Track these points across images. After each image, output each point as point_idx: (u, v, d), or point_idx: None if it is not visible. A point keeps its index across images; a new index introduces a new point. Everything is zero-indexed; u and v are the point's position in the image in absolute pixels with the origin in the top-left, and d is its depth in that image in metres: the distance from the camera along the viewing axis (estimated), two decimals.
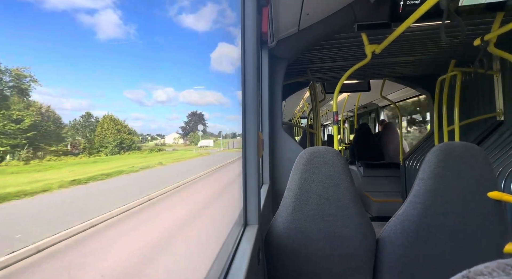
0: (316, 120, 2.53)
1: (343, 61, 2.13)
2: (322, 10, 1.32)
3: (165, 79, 30.18)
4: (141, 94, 22.66)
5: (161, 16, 31.91)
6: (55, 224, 4.07)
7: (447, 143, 0.75)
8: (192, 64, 35.69)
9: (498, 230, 0.69)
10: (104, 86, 26.81)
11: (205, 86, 33.17)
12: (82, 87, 26.21)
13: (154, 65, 30.65)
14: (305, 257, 0.77)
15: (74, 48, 24.64)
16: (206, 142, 21.18)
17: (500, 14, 1.17)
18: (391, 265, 0.76)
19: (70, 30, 24.86)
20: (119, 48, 21.79)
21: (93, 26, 12.10)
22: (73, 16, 11.11)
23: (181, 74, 34.08)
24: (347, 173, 0.78)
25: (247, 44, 0.79)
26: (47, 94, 23.39)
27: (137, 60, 28.12)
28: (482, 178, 0.69)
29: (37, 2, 8.31)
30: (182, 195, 6.36)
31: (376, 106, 4.61)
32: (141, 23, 27.17)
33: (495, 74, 1.76)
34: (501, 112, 1.74)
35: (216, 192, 6.76)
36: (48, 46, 22.96)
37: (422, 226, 0.72)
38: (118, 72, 26.83)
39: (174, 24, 32.79)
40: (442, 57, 2.06)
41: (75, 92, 25.40)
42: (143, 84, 22.48)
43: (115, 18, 13.70)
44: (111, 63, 26.54)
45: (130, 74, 28.77)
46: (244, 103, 0.80)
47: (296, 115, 6.54)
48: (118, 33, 13.94)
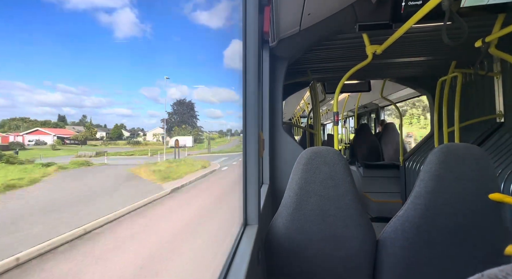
0: (316, 120, 2.53)
1: (344, 61, 2.13)
2: (323, 10, 1.31)
3: (179, 76, 29.98)
4: (156, 92, 22.90)
5: (176, 14, 31.78)
6: None
7: (448, 144, 0.74)
8: (206, 61, 35.44)
9: (499, 232, 0.68)
10: (121, 84, 26.93)
11: (218, 84, 32.44)
12: (101, 85, 26.13)
13: (169, 63, 30.51)
14: (305, 257, 0.77)
15: (92, 46, 24.72)
16: (183, 139, 15.14)
17: (501, 15, 1.17)
18: (392, 266, 0.76)
19: (88, 29, 24.94)
20: (134, 46, 21.97)
21: (111, 24, 12.17)
22: (92, 15, 11.29)
23: (195, 72, 33.95)
24: (348, 173, 0.78)
25: (249, 43, 0.79)
26: (70, 92, 23.73)
27: (152, 58, 28.04)
28: (483, 179, 0.69)
29: (59, 3, 8.40)
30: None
31: (377, 106, 4.60)
32: (157, 21, 27.20)
33: (496, 76, 1.76)
34: (501, 113, 1.74)
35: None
36: (70, 47, 23.20)
37: (423, 228, 0.72)
38: (135, 69, 26.87)
39: (189, 22, 32.50)
40: (443, 58, 2.06)
41: (95, 90, 25.43)
42: (158, 81, 22.75)
43: (132, 17, 13.74)
44: (127, 61, 26.56)
45: (146, 71, 28.76)
46: (245, 102, 0.80)
47: (296, 115, 6.54)
48: (134, 31, 13.98)
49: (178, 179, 6.84)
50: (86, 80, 27.07)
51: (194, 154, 14.35)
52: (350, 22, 1.33)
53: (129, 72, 27.12)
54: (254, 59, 0.79)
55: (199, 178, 7.16)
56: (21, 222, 4.32)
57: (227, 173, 9.35)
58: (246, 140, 0.80)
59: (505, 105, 1.72)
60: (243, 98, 0.80)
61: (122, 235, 4.17)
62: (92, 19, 14.79)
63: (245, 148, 0.80)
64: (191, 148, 15.38)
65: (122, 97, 27.14)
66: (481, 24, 1.43)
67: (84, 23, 14.36)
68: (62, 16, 23.12)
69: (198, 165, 9.30)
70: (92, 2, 11.44)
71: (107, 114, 24.63)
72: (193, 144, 16.42)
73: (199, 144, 17.35)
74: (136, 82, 28.45)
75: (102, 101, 25.87)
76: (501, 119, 1.74)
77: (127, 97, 27.21)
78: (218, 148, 17.60)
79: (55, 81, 25.71)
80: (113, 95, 26.28)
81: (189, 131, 17.06)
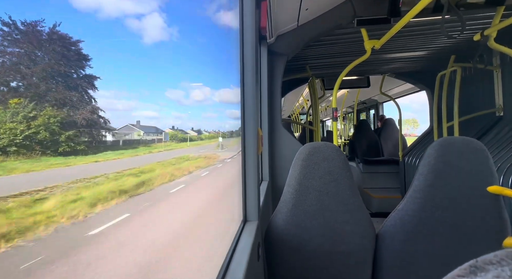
0: (315, 117, 2.52)
1: (343, 57, 2.12)
2: (321, 5, 1.30)
3: (203, 78, 30.44)
4: (180, 94, 22.16)
5: (201, 16, 31.76)
6: None
7: (447, 137, 0.74)
8: (229, 62, 35.37)
9: (497, 224, 0.69)
10: (148, 86, 27.58)
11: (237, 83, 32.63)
12: (129, 88, 26.45)
13: (194, 64, 30.98)
14: (305, 252, 0.77)
15: (124, 51, 25.08)
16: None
17: (500, 8, 1.16)
18: (391, 259, 0.76)
19: (121, 34, 25.43)
20: (163, 49, 21.95)
21: (141, 30, 11.90)
22: (124, 22, 11.07)
23: (216, 73, 34.10)
24: (347, 168, 0.78)
25: (246, 39, 0.78)
26: (104, 96, 24.06)
27: (182, 61, 28.66)
28: (482, 172, 0.69)
29: (95, 12, 8.32)
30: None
31: (376, 102, 4.60)
32: (182, 24, 27.63)
33: (495, 70, 1.75)
34: (500, 107, 1.74)
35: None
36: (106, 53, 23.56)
37: (422, 221, 0.72)
38: (163, 71, 27.70)
39: (212, 24, 32.51)
40: (442, 52, 2.05)
41: (125, 93, 25.83)
42: (182, 83, 22.28)
43: (160, 21, 13.37)
44: (157, 63, 27.30)
45: (173, 74, 29.44)
46: (243, 99, 0.80)
47: (295, 111, 6.53)
48: (162, 35, 13.63)
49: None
50: (117, 84, 27.79)
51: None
52: (348, 17, 1.32)
53: (154, 75, 27.82)
54: (252, 55, 0.78)
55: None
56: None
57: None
58: (245, 137, 0.80)
59: (505, 99, 1.72)
60: (241, 95, 0.80)
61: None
62: (123, 25, 14.64)
63: (244, 146, 0.80)
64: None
65: (148, 99, 27.92)
66: (480, 17, 1.42)
67: (116, 29, 14.14)
68: (98, 24, 23.47)
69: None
70: (123, 10, 11.24)
71: (136, 116, 25.47)
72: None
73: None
74: (162, 85, 29.21)
75: (132, 104, 26.87)
76: (501, 113, 1.74)
77: (153, 99, 27.96)
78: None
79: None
80: (140, 98, 27.05)
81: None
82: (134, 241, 2.79)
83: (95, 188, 3.28)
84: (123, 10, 12.54)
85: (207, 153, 9.80)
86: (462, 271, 0.16)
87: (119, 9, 11.21)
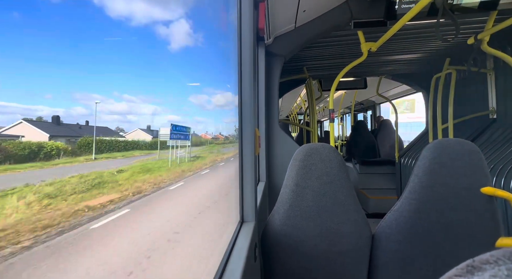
0: (312, 118, 2.53)
1: (340, 58, 2.13)
2: (318, 7, 1.31)
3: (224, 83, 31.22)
4: (204, 99, 22.97)
5: (224, 19, 32.46)
6: None
7: (441, 139, 0.75)
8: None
9: (490, 225, 0.70)
10: (171, 92, 27.85)
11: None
12: (154, 93, 27.40)
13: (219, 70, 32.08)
14: (302, 253, 0.78)
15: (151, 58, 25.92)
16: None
17: (493, 13, 1.18)
18: (387, 260, 0.77)
19: (149, 42, 26.38)
20: (188, 55, 22.81)
21: (168, 36, 12.56)
22: (153, 29, 11.32)
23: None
24: (344, 169, 0.79)
25: (244, 40, 0.79)
26: (131, 101, 24.38)
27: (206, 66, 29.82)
28: (476, 174, 0.70)
29: (126, 20, 8.25)
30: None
31: (373, 103, 4.63)
32: (207, 29, 29.35)
33: (488, 73, 1.78)
34: (493, 110, 1.77)
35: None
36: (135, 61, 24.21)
37: (417, 222, 0.73)
38: (185, 76, 28.58)
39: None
40: (437, 55, 2.07)
41: (151, 98, 26.33)
42: (206, 89, 23.27)
43: (187, 27, 13.85)
44: (179, 69, 28.16)
45: (200, 80, 30.38)
46: (240, 100, 0.80)
47: (293, 112, 6.54)
48: (188, 41, 14.18)
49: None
50: (144, 90, 28.83)
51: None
52: (345, 19, 1.33)
53: (179, 81, 28.72)
54: (250, 56, 0.79)
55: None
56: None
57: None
58: (242, 138, 0.80)
59: (498, 102, 1.74)
60: (239, 96, 0.80)
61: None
62: (152, 31, 15.14)
63: (241, 146, 0.80)
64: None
65: (172, 104, 28.58)
66: (473, 21, 1.44)
67: (145, 36, 14.86)
68: (128, 32, 24.18)
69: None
70: (152, 17, 11.25)
71: (160, 120, 26.33)
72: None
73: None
74: (185, 90, 30.09)
75: (157, 109, 27.47)
76: (494, 115, 1.77)
77: (177, 104, 28.64)
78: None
79: (122, 91, 27.26)
80: (165, 103, 27.93)
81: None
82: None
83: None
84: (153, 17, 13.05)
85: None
86: (460, 270, 0.16)
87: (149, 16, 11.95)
